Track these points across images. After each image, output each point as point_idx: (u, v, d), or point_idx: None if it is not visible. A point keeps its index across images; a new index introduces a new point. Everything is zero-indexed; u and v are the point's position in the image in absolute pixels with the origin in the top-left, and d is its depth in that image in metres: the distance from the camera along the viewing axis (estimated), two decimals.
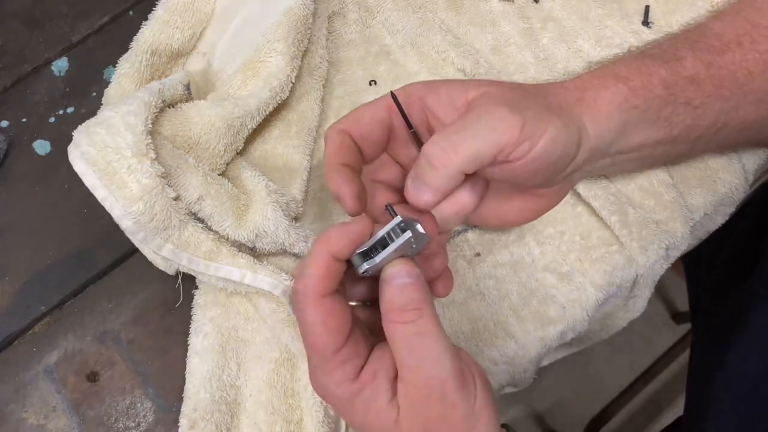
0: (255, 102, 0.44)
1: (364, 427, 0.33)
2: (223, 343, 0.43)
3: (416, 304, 0.32)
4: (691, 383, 0.60)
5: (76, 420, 0.43)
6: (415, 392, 0.32)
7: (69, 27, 0.52)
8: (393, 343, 0.32)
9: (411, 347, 0.32)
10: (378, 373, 0.33)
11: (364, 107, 0.38)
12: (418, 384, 0.31)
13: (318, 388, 0.34)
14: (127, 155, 0.37)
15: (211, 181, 0.41)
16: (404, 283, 0.32)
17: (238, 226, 0.41)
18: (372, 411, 0.32)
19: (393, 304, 0.32)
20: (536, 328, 0.46)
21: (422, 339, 0.32)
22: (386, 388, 0.32)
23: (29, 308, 0.45)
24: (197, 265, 0.41)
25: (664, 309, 1.33)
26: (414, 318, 0.32)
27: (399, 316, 0.32)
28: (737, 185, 0.48)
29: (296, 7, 0.46)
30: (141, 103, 0.39)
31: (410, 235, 0.32)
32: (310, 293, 0.32)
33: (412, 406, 0.32)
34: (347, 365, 0.32)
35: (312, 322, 0.32)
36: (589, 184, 0.47)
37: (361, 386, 0.32)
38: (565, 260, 0.47)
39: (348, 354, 0.32)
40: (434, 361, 0.31)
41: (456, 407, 0.32)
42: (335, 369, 0.32)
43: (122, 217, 0.38)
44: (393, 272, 0.33)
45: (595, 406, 1.23)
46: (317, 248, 0.32)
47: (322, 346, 0.32)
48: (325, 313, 0.32)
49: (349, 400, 0.33)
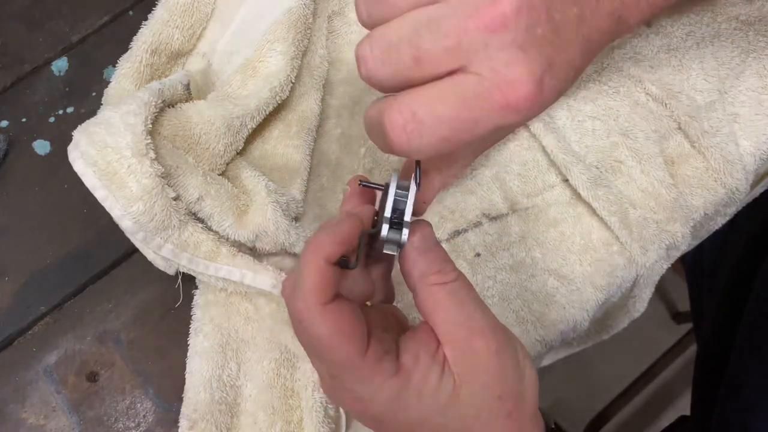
0: (255, 102, 0.44)
1: (422, 418, 0.31)
2: (223, 343, 0.43)
3: (452, 264, 0.32)
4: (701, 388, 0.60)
5: (76, 420, 0.43)
6: (471, 347, 0.30)
7: (69, 27, 0.52)
8: (438, 306, 0.31)
9: (460, 302, 0.31)
10: (419, 354, 0.30)
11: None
12: (474, 336, 0.30)
13: (356, 404, 0.31)
14: (126, 155, 0.37)
15: (211, 181, 0.41)
16: (435, 245, 0.32)
17: (238, 226, 0.41)
18: (427, 393, 0.30)
19: (432, 267, 0.31)
20: (536, 328, 0.46)
21: (468, 292, 0.32)
22: (434, 362, 0.30)
23: (29, 308, 0.45)
24: (197, 265, 0.41)
25: (664, 309, 1.33)
26: (456, 276, 0.32)
27: (441, 277, 0.31)
28: (737, 185, 0.48)
29: (296, 6, 0.46)
30: (141, 103, 0.39)
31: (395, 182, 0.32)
32: (314, 306, 0.29)
33: (469, 364, 0.30)
34: (383, 363, 0.30)
35: (326, 335, 0.29)
36: (589, 184, 0.47)
37: (407, 375, 0.30)
38: (566, 261, 0.47)
39: (378, 352, 0.30)
40: (484, 310, 0.31)
41: (508, 355, 0.31)
42: (372, 372, 0.30)
43: (122, 217, 0.38)
44: (420, 237, 0.32)
45: (595, 406, 1.23)
46: (310, 257, 0.30)
47: (346, 356, 0.29)
48: (338, 321, 0.29)
49: (398, 397, 0.30)
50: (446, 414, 0.30)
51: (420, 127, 0.28)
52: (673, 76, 0.50)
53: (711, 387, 0.59)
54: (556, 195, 0.48)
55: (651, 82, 0.50)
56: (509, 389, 0.31)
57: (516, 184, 0.49)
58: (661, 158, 0.48)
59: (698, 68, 0.50)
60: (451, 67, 0.28)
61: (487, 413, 0.30)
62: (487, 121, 0.28)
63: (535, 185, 0.48)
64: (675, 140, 0.49)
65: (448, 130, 0.28)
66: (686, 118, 0.48)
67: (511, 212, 0.48)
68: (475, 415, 0.30)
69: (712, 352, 0.61)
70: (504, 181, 0.49)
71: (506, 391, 0.31)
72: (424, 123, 0.28)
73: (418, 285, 0.32)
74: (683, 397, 1.26)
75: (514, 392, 0.31)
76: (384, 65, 0.29)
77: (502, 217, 0.48)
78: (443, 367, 0.30)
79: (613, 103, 0.50)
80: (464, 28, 0.27)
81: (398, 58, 0.28)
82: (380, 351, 0.30)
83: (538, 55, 0.28)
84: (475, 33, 0.27)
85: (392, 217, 0.32)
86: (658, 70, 0.50)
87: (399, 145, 0.29)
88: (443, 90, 0.28)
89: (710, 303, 0.65)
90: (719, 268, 0.64)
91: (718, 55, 0.50)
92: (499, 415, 0.31)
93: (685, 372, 1.27)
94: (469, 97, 0.28)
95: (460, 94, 0.28)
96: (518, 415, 0.31)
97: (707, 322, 0.64)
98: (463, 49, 0.27)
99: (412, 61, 0.28)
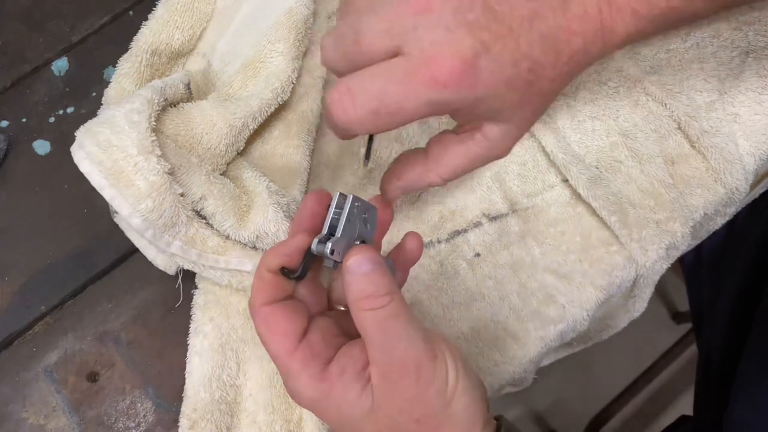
0: (257, 102, 0.44)
1: (341, 422, 0.34)
2: (223, 343, 0.43)
3: (386, 289, 0.32)
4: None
5: (76, 420, 0.43)
6: (391, 375, 0.32)
7: (69, 27, 0.52)
8: (365, 330, 0.32)
9: (384, 331, 0.32)
10: (345, 368, 0.33)
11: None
12: (393, 366, 0.32)
13: (292, 394, 0.35)
14: (132, 153, 0.37)
15: (214, 180, 0.41)
16: (370, 270, 0.33)
17: (239, 226, 0.41)
18: (345, 405, 0.33)
19: (362, 293, 0.32)
20: (536, 328, 0.46)
21: (395, 322, 0.32)
22: (356, 379, 0.33)
23: (29, 308, 0.45)
24: (206, 259, 0.41)
25: (664, 309, 1.33)
26: (385, 303, 0.32)
27: (370, 303, 0.32)
28: (737, 185, 0.48)
29: (297, 7, 0.46)
30: (144, 101, 0.39)
31: (352, 199, 0.34)
32: (253, 305, 0.34)
33: (387, 390, 0.32)
34: (309, 366, 0.33)
35: (260, 332, 0.34)
36: (588, 184, 0.47)
37: (330, 384, 0.33)
38: (565, 260, 0.47)
39: (305, 355, 0.33)
40: (408, 342, 0.32)
41: (429, 386, 0.32)
42: (298, 372, 0.33)
43: (131, 216, 0.38)
44: (356, 260, 0.33)
45: (595, 406, 1.23)
46: (258, 266, 0.35)
47: (275, 352, 0.34)
48: (268, 320, 0.34)
49: (320, 400, 0.33)
50: (362, 426, 0.33)
51: (352, 99, 0.31)
52: (673, 76, 0.50)
53: (720, 387, 0.59)
54: (556, 195, 0.48)
55: (651, 82, 0.50)
56: (430, 414, 0.32)
57: (516, 184, 0.49)
58: (660, 158, 0.48)
59: (698, 68, 0.50)
60: (387, 48, 0.31)
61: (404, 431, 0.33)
62: (416, 95, 0.31)
63: (534, 185, 0.49)
64: (675, 140, 0.49)
65: (377, 102, 0.31)
66: (686, 118, 0.48)
67: (511, 212, 0.48)
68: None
69: (719, 352, 0.61)
70: (504, 181, 0.49)
71: (426, 416, 0.32)
72: (356, 96, 0.31)
73: (350, 306, 0.33)
74: (683, 397, 1.26)
75: (436, 417, 0.33)
76: (335, 50, 0.33)
77: (501, 217, 0.48)
78: (365, 385, 0.33)
79: (612, 103, 0.50)
80: (396, 12, 0.31)
81: (344, 43, 0.33)
82: (308, 354, 0.33)
83: (467, 36, 0.31)
84: (406, 16, 0.31)
85: (327, 234, 0.35)
86: (658, 70, 0.50)
87: (336, 117, 0.32)
88: (377, 69, 0.31)
89: (712, 303, 0.65)
90: (725, 270, 0.63)
91: (718, 55, 0.50)
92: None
93: (685, 372, 1.27)
94: (397, 73, 0.31)
95: (390, 71, 0.31)
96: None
97: (713, 323, 0.63)
98: (396, 32, 0.31)
99: (354, 45, 0.32)
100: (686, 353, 1.24)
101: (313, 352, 0.33)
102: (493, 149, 0.37)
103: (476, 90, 0.31)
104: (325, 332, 0.35)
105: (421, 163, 0.38)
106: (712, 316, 0.64)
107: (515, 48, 0.32)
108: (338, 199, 0.35)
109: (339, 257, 0.34)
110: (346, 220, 0.34)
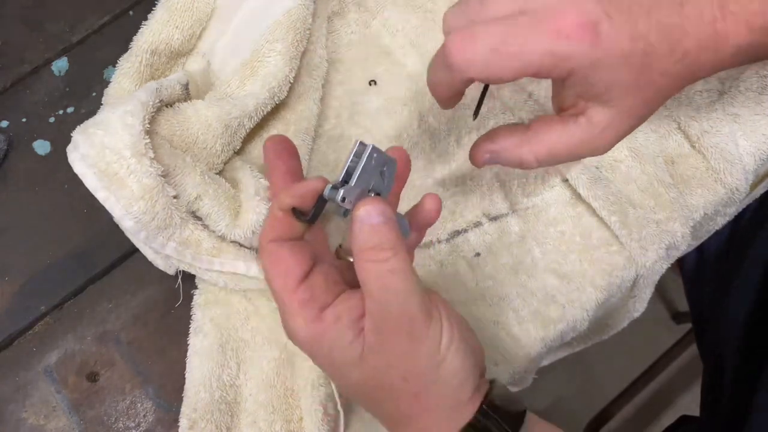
0: (253, 102, 0.44)
1: (330, 366, 0.35)
2: (223, 343, 0.43)
3: (391, 244, 0.32)
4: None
5: (76, 420, 0.43)
6: (384, 328, 0.32)
7: (69, 27, 0.52)
8: (365, 282, 0.32)
9: (383, 285, 0.32)
10: (341, 315, 0.33)
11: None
12: (388, 320, 0.32)
13: (287, 332, 0.35)
14: (126, 155, 0.37)
15: (209, 180, 0.41)
16: (378, 223, 0.33)
17: (235, 226, 0.41)
18: (336, 350, 0.33)
19: (367, 244, 0.32)
20: (536, 328, 0.46)
21: (395, 277, 0.32)
22: (350, 327, 0.33)
23: (29, 308, 0.45)
24: (201, 261, 0.41)
25: (664, 309, 1.33)
26: (388, 257, 0.32)
27: (373, 256, 0.32)
28: (737, 185, 0.48)
29: (296, 7, 0.46)
30: (138, 103, 0.39)
31: (371, 149, 0.34)
32: (262, 241, 0.35)
33: (379, 342, 0.33)
34: (306, 307, 0.33)
35: (264, 266, 0.35)
36: (588, 183, 0.47)
37: (323, 328, 0.33)
38: (566, 260, 0.47)
39: (304, 296, 0.34)
40: (405, 298, 0.32)
41: (420, 345, 0.33)
42: (295, 311, 0.34)
43: (123, 218, 0.38)
44: (365, 211, 0.33)
45: (595, 406, 1.23)
46: (271, 204, 0.35)
47: (276, 288, 0.34)
48: (273, 257, 0.34)
49: (313, 341, 0.34)
50: (350, 374, 0.34)
51: (473, 37, 0.33)
52: None
53: (738, 387, 0.58)
54: (556, 195, 0.48)
55: None
56: (418, 373, 0.33)
57: (516, 183, 0.49)
58: (660, 158, 0.48)
59: None
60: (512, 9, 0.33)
61: (390, 388, 0.33)
62: (539, 41, 0.32)
63: (535, 185, 0.49)
64: (675, 140, 0.49)
65: (499, 41, 0.32)
66: (686, 118, 0.48)
67: (511, 212, 0.48)
68: (378, 386, 0.34)
69: (737, 353, 0.60)
70: (504, 181, 0.49)
71: (413, 375, 0.33)
72: (478, 35, 0.33)
73: (354, 256, 0.33)
74: (683, 397, 1.26)
75: (424, 377, 0.33)
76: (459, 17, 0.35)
77: (502, 217, 0.48)
78: (358, 334, 0.33)
79: None
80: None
81: (469, 9, 0.35)
82: (308, 295, 0.34)
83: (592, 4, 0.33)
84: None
85: (342, 181, 0.34)
86: None
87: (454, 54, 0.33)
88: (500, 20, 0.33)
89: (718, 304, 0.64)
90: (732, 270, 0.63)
91: None
92: (403, 393, 0.33)
93: (685, 372, 1.27)
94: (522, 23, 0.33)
95: (515, 21, 0.33)
96: (426, 398, 0.33)
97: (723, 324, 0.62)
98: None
99: (479, 9, 0.34)
100: (686, 353, 1.24)
101: (312, 294, 0.34)
102: (594, 138, 0.37)
103: (596, 50, 0.32)
104: (328, 278, 0.35)
105: (520, 133, 0.39)
106: (719, 317, 0.63)
107: (634, 26, 0.33)
108: (358, 148, 0.34)
109: (350, 205, 0.34)
110: (362, 169, 0.34)
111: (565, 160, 0.39)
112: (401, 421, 0.35)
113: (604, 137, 0.37)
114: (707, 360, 0.67)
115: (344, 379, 0.35)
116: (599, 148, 0.37)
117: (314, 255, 0.36)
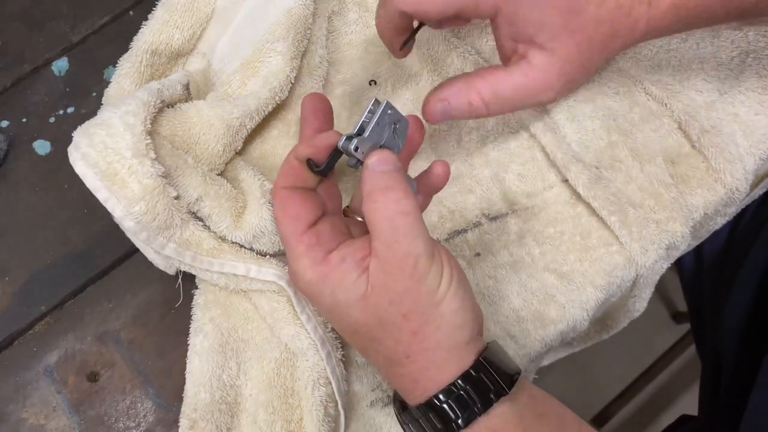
0: (254, 102, 0.44)
1: (333, 307, 0.35)
2: (223, 343, 0.43)
3: (402, 186, 0.34)
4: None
5: (76, 420, 0.43)
6: (389, 267, 0.33)
7: (69, 27, 0.52)
8: (375, 222, 0.34)
9: (393, 225, 0.33)
10: (345, 257, 0.35)
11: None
12: (393, 259, 0.33)
13: (292, 276, 0.37)
14: (127, 156, 0.37)
15: (210, 181, 0.41)
16: (388, 170, 0.34)
17: (236, 227, 0.41)
18: (340, 289, 0.35)
19: (377, 186, 0.34)
20: (536, 328, 0.46)
21: (405, 218, 0.33)
22: (354, 267, 0.34)
23: (29, 308, 0.45)
24: (201, 262, 0.41)
25: (664, 309, 1.33)
26: (399, 198, 0.34)
27: (383, 196, 0.34)
28: (737, 185, 0.48)
29: (296, 7, 0.46)
30: (140, 103, 0.39)
31: (385, 105, 0.36)
32: (276, 186, 0.37)
33: (382, 280, 0.34)
34: (312, 250, 0.35)
35: (275, 212, 0.37)
36: (588, 183, 0.47)
37: (328, 269, 0.35)
38: (565, 260, 0.47)
39: (311, 240, 0.35)
40: (412, 239, 0.33)
41: (422, 283, 0.34)
42: (301, 254, 0.35)
43: (124, 218, 0.38)
44: (377, 158, 0.35)
45: (595, 406, 1.23)
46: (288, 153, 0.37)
47: (284, 232, 0.36)
48: (284, 201, 0.36)
49: (317, 283, 0.35)
50: (352, 312, 0.35)
51: None
52: (673, 76, 0.50)
53: (735, 389, 0.58)
54: (556, 194, 0.48)
55: (651, 82, 0.50)
56: (417, 311, 0.34)
57: (515, 183, 0.49)
58: (660, 158, 0.48)
59: (698, 68, 0.50)
60: None
61: (390, 324, 0.34)
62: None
63: (534, 185, 0.49)
64: (675, 140, 0.49)
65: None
66: (686, 118, 0.49)
67: (511, 212, 0.48)
68: (378, 323, 0.35)
69: (735, 356, 0.60)
70: (503, 180, 0.49)
71: (414, 312, 0.34)
72: None
73: (365, 199, 0.34)
74: (683, 397, 1.26)
75: (423, 315, 0.34)
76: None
77: (501, 217, 0.48)
78: (361, 273, 0.34)
79: (612, 103, 0.50)
80: None
81: None
82: (314, 240, 0.35)
83: None
84: None
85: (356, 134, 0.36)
86: (658, 70, 0.50)
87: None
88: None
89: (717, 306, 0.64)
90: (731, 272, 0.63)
91: (718, 55, 0.51)
92: (403, 330, 0.34)
93: (685, 372, 1.27)
94: None
95: None
96: (424, 337, 0.34)
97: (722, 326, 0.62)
98: None
99: None
100: (686, 353, 1.24)
101: (319, 239, 0.35)
102: (536, 81, 0.38)
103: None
104: (334, 227, 0.37)
105: (463, 79, 0.40)
106: (718, 319, 0.63)
107: None
108: (372, 105, 0.36)
109: (362, 156, 0.35)
110: (375, 123, 0.36)
111: (512, 104, 0.40)
112: (400, 362, 0.35)
113: (546, 81, 0.38)
114: (706, 359, 0.67)
115: (346, 319, 0.36)
116: (543, 91, 0.39)
117: (324, 207, 0.38)
